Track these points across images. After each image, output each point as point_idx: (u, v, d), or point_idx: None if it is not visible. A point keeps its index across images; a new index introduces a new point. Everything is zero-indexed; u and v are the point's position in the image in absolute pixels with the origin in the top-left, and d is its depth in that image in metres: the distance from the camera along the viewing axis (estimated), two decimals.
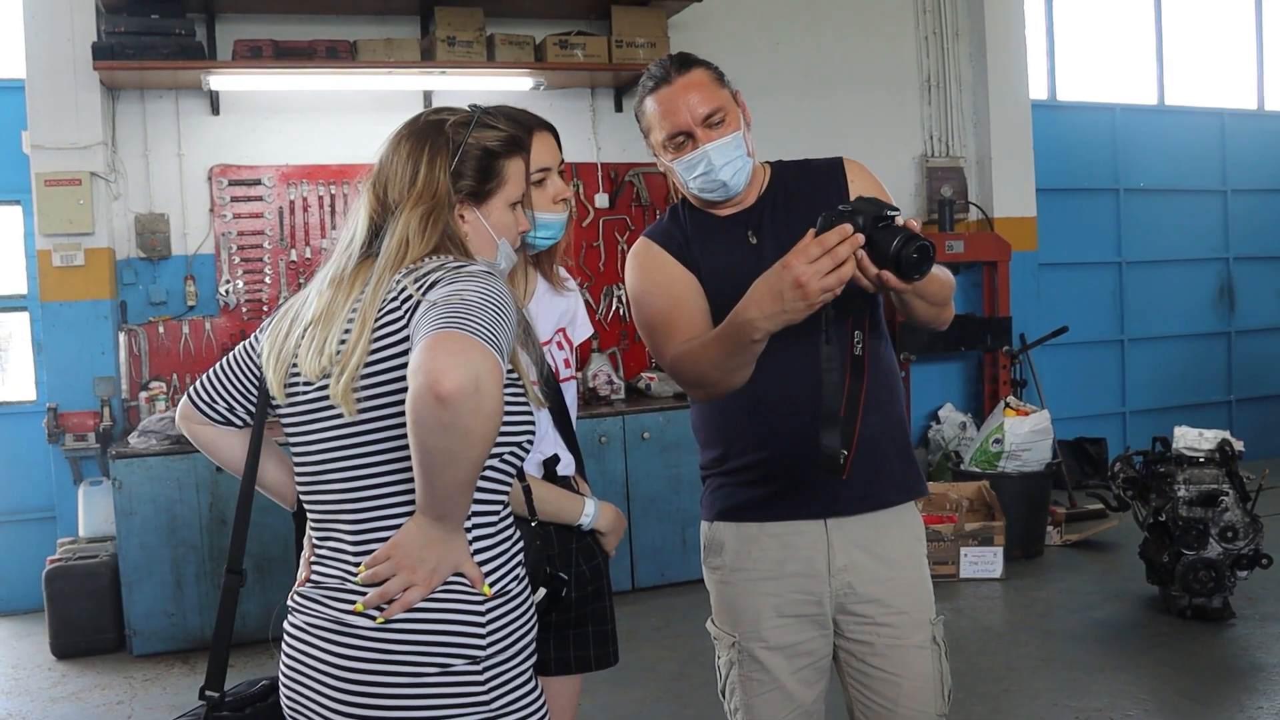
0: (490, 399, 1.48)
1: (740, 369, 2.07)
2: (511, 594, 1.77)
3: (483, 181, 1.83)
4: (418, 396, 1.47)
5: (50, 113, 5.42)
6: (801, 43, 7.00)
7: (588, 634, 2.36)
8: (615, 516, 2.38)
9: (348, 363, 1.67)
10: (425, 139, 1.81)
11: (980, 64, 7.31)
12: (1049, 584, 5.59)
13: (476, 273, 1.67)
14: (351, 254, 1.80)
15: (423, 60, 5.85)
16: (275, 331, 1.83)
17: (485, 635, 1.70)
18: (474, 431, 1.49)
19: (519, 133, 1.90)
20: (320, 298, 1.78)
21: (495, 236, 1.87)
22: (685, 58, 2.26)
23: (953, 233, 6.92)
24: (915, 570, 2.31)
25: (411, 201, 1.76)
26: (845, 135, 6.93)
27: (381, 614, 1.66)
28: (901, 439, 2.33)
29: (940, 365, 7.30)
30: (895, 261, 1.86)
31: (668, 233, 2.34)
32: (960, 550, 5.64)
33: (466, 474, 1.56)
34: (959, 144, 7.33)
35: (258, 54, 5.50)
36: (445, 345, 1.49)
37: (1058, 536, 6.30)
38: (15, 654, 5.22)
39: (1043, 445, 5.99)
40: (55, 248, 5.43)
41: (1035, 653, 4.61)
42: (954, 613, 5.15)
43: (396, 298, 1.68)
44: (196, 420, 1.95)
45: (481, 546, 1.74)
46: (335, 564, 1.74)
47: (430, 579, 1.66)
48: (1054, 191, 7.74)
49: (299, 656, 1.74)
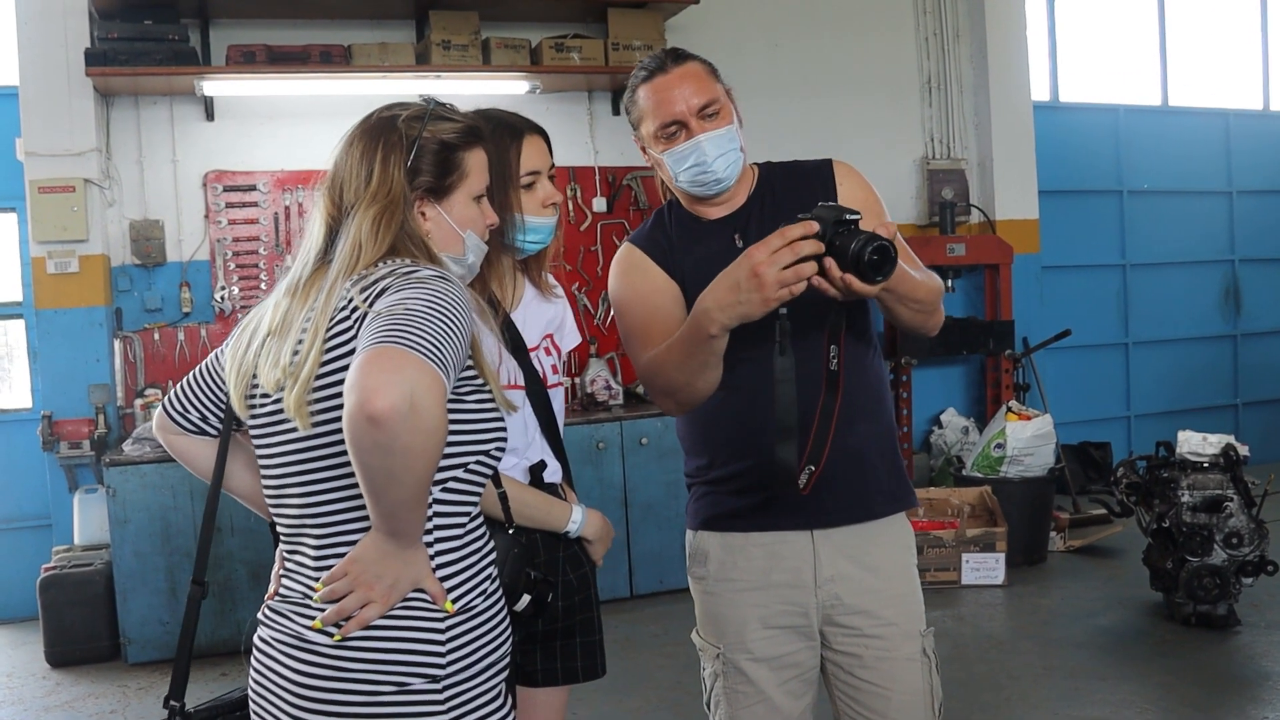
0: (428, 416, 1.44)
1: (702, 371, 2.03)
2: (476, 610, 1.72)
3: (442, 176, 1.78)
4: (350, 417, 1.43)
5: (44, 120, 5.39)
6: (800, 45, 6.95)
7: (575, 645, 2.31)
8: (602, 524, 2.33)
9: (300, 375, 1.62)
10: (378, 136, 1.75)
11: (981, 65, 7.26)
12: (1051, 590, 5.53)
13: (426, 278, 1.62)
14: (307, 261, 1.75)
15: (417, 64, 5.82)
16: (237, 343, 1.78)
17: (445, 654, 1.65)
18: (413, 451, 1.45)
19: (476, 123, 1.84)
20: (277, 308, 1.73)
21: (459, 231, 1.82)
22: (680, 51, 2.22)
23: (954, 235, 6.87)
24: (905, 581, 2.27)
25: (365, 202, 1.71)
26: (845, 138, 6.88)
27: (339, 631, 1.62)
28: (889, 449, 2.28)
29: (942, 369, 7.24)
30: (855, 264, 1.83)
31: (651, 238, 2.30)
32: (961, 556, 5.58)
33: (411, 492, 1.51)
34: (960, 146, 7.28)
35: (251, 59, 5.47)
36: (378, 362, 1.44)
37: (1061, 542, 6.24)
38: (10, 662, 5.19)
39: (1045, 450, 5.93)
40: (49, 255, 5.41)
41: (1036, 661, 4.55)
42: (955, 620, 5.10)
43: (346, 307, 1.63)
44: (171, 430, 1.92)
45: (445, 561, 1.69)
46: (299, 578, 1.71)
47: (388, 596, 1.62)
48: (1057, 194, 7.68)
49: (263, 671, 1.70)
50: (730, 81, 2.26)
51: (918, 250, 6.79)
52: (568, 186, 6.38)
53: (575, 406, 6.10)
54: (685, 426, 2.34)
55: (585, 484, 5.60)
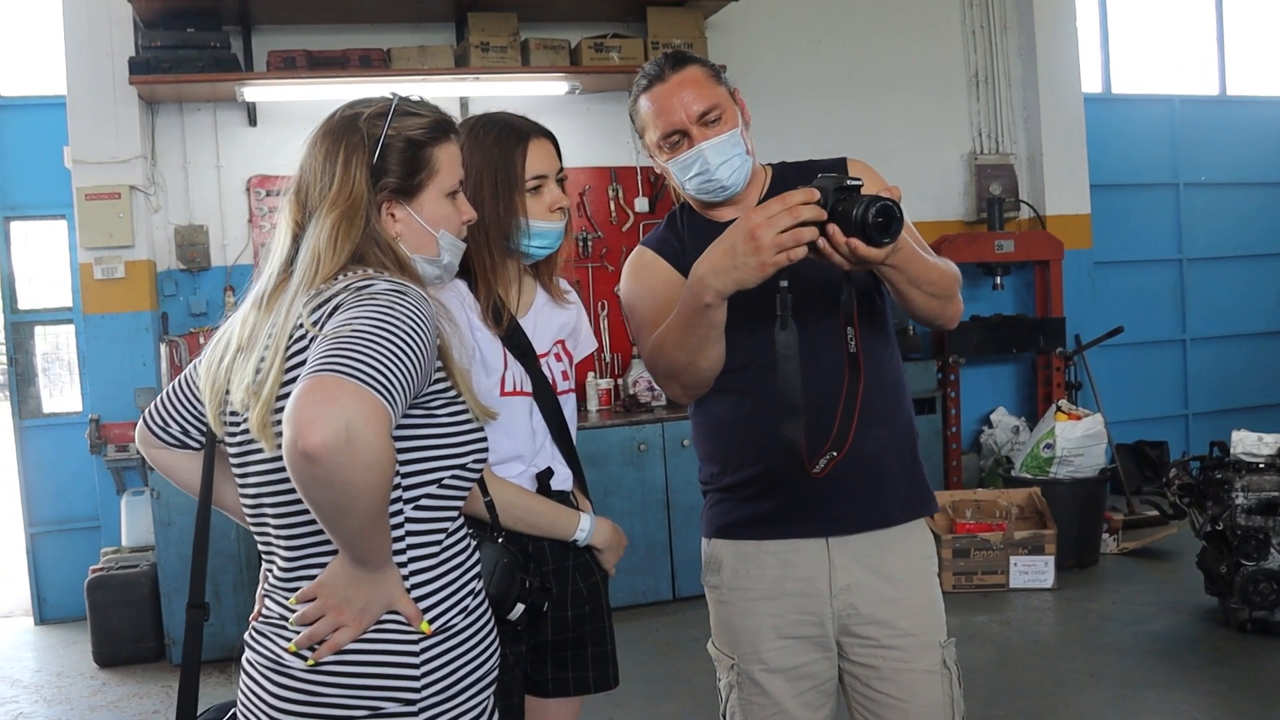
0: (368, 449, 1.38)
1: (702, 347, 1.98)
2: (456, 629, 1.67)
3: (409, 175, 1.71)
4: (286, 452, 1.38)
5: (90, 128, 5.47)
6: (843, 41, 6.85)
7: (586, 655, 2.28)
8: (613, 533, 2.29)
9: (262, 394, 1.57)
10: (340, 137, 1.69)
11: (1030, 58, 7.11)
12: (1102, 594, 5.40)
13: (380, 293, 1.55)
14: (273, 271, 1.69)
15: (456, 67, 5.82)
16: (211, 356, 1.73)
17: (420, 677, 1.61)
18: (354, 485, 1.39)
19: (445, 117, 1.78)
20: (245, 322, 1.68)
21: (431, 231, 1.76)
22: (680, 55, 2.18)
23: (1003, 232, 6.74)
24: (924, 590, 2.21)
25: (327, 208, 1.65)
26: (890, 135, 6.80)
27: (312, 655, 1.58)
28: (907, 452, 2.22)
29: (992, 368, 7.11)
30: (860, 228, 1.77)
31: (664, 240, 2.27)
32: (1010, 559, 5.47)
33: (362, 523, 1.47)
34: (1009, 141, 7.14)
35: (291, 64, 5.51)
36: (312, 394, 1.38)
37: (1114, 544, 6.10)
38: (60, 661, 5.28)
39: (1096, 450, 5.79)
40: (96, 261, 5.49)
41: (1084, 667, 4.44)
42: (1001, 625, 5.00)
43: (302, 325, 1.58)
44: (153, 444, 1.88)
45: (420, 580, 1.65)
46: (277, 597, 1.67)
47: (360, 619, 1.58)
48: (1110, 187, 7.50)
49: (245, 693, 1.67)
50: (771, 80, 2.23)
51: (965, 247, 6.74)
52: (609, 187, 6.35)
53: (618, 408, 6.08)
54: (699, 432, 2.30)
55: (627, 485, 5.58)
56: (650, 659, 4.87)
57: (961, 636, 4.76)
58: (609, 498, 5.51)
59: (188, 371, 1.85)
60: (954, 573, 5.49)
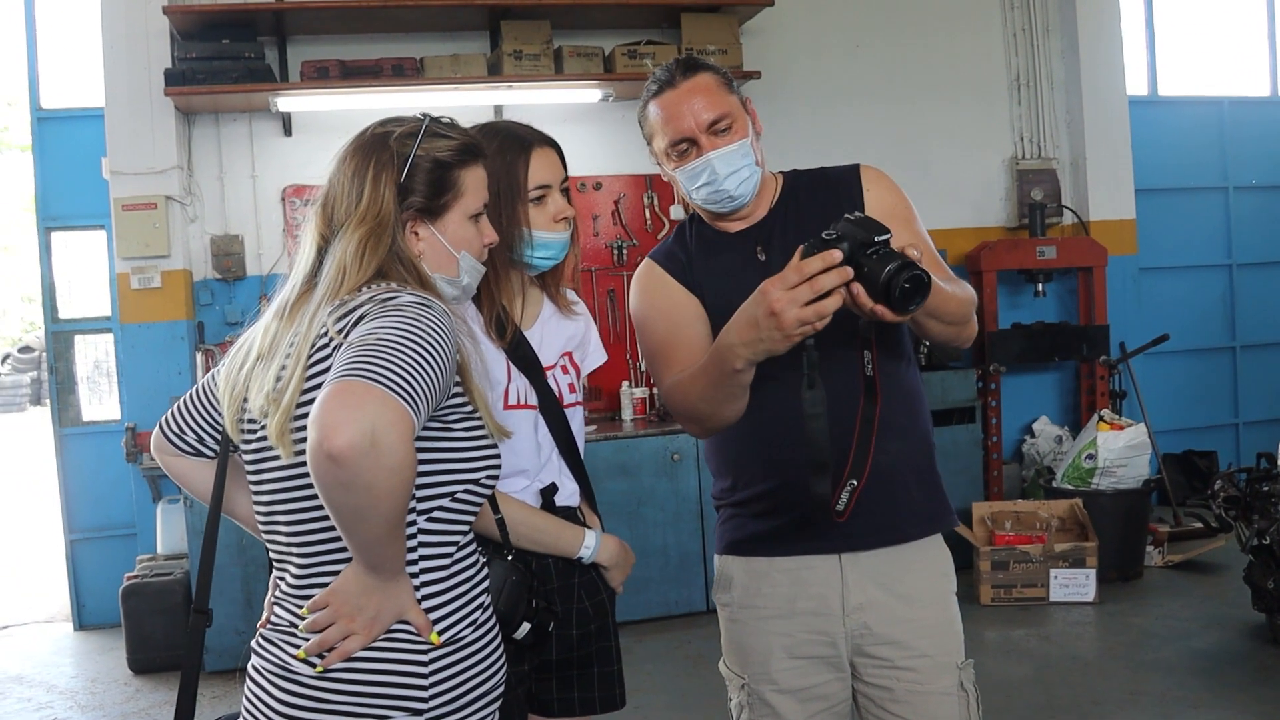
0: (392, 453, 1.40)
1: (728, 402, 1.94)
2: (464, 641, 1.67)
3: (435, 196, 1.72)
4: (310, 454, 1.40)
5: (128, 139, 5.53)
6: (882, 45, 6.76)
7: (592, 674, 2.24)
8: (619, 550, 2.24)
9: (282, 402, 1.59)
10: (370, 154, 1.70)
11: (1073, 60, 6.98)
12: (1146, 609, 5.26)
13: (405, 305, 1.57)
14: (296, 282, 1.71)
15: (489, 75, 5.82)
16: (231, 364, 1.75)
17: (428, 687, 1.61)
18: (376, 488, 1.41)
19: (474, 140, 1.78)
20: (266, 330, 1.70)
21: (453, 252, 1.76)
22: (691, 61, 2.12)
23: (1044, 238, 6.61)
24: (940, 609, 2.14)
25: (354, 223, 1.67)
26: (930, 140, 6.72)
27: (321, 662, 1.58)
28: (924, 466, 2.16)
29: (1034, 376, 6.97)
30: (886, 293, 1.69)
31: (670, 253, 2.22)
32: (1050, 572, 5.36)
33: (382, 529, 1.48)
34: (1051, 145, 7.00)
35: (325, 74, 5.54)
36: (339, 397, 1.40)
37: (1159, 557, 5.95)
38: (96, 668, 5.33)
39: (1139, 461, 5.66)
40: (133, 270, 5.54)
41: (1124, 684, 4.32)
42: (1040, 639, 4.89)
43: (326, 334, 1.59)
44: (168, 451, 1.89)
45: (431, 591, 1.65)
46: (288, 605, 1.67)
47: (370, 628, 1.58)
48: (1156, 192, 7.35)
49: (251, 699, 1.67)
50: (808, 86, 2.19)
51: (1006, 254, 6.60)
52: (645, 194, 6.32)
53: (651, 417, 6.03)
54: (711, 447, 2.26)
55: (660, 496, 5.53)
56: (681, 672, 4.82)
57: (998, 651, 4.74)
58: (642, 508, 5.48)
59: (205, 380, 1.87)
60: (992, 586, 5.38)
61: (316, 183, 5.80)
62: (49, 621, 6.37)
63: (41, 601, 6.83)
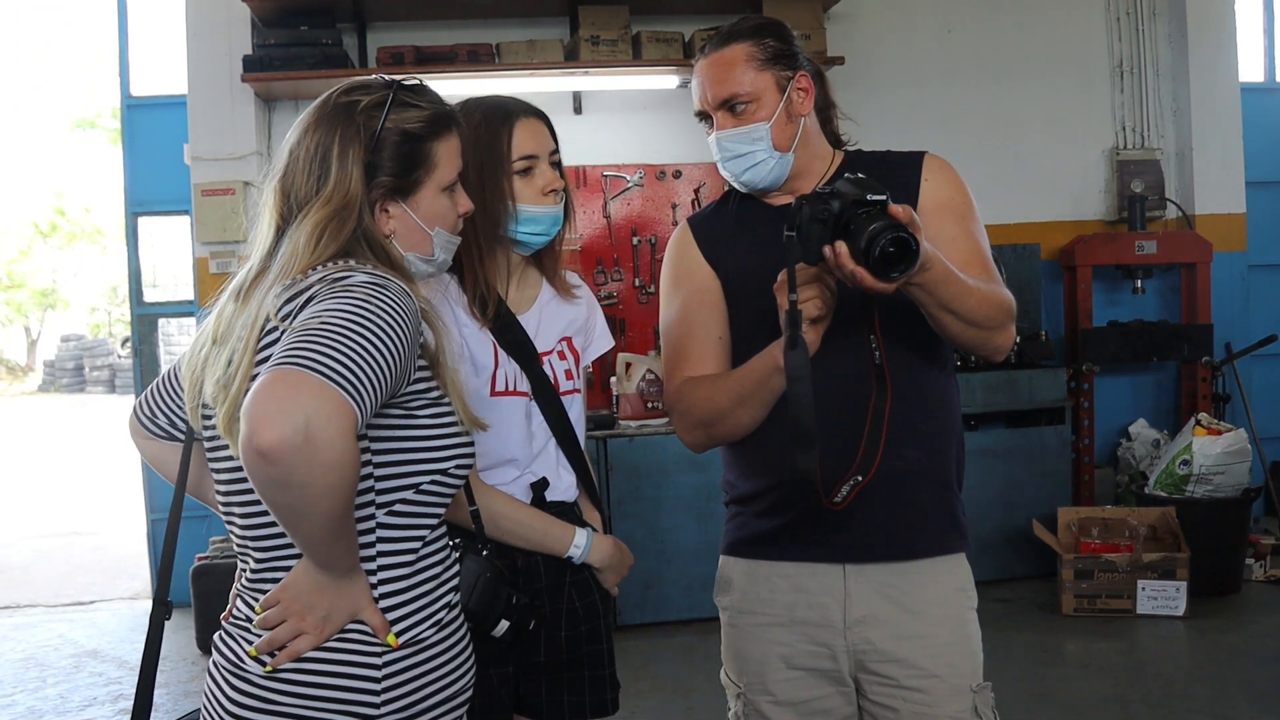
0: (328, 449, 1.30)
1: (761, 407, 1.89)
2: (426, 642, 1.58)
3: (406, 172, 1.62)
4: (242, 450, 1.32)
5: (208, 126, 5.61)
6: (977, 27, 6.49)
7: (583, 678, 2.13)
8: (613, 550, 2.13)
9: (230, 391, 1.50)
10: (335, 128, 1.60)
11: (1181, 46, 6.60)
12: (1240, 626, 4.95)
13: (356, 285, 1.46)
14: (253, 263, 1.62)
15: (566, 61, 5.74)
16: (194, 347, 1.66)
17: (380, 692, 1.52)
18: (312, 486, 1.31)
19: (445, 109, 1.67)
20: (221, 314, 1.61)
21: (427, 229, 1.66)
22: (734, 30, 2.00)
23: (1145, 232, 6.28)
24: (954, 627, 1.97)
25: (318, 205, 1.56)
26: (1026, 128, 6.45)
27: (271, 661, 1.51)
28: (943, 480, 1.99)
29: (1131, 377, 6.64)
30: (866, 255, 1.59)
31: (707, 221, 2.12)
32: (1137, 583, 5.08)
33: (323, 527, 1.38)
34: (1155, 135, 6.64)
35: (399, 60, 5.53)
36: (271, 388, 1.30)
37: (1260, 571, 5.61)
38: (168, 645, 5.33)
39: (1238, 469, 5.33)
40: (211, 255, 5.62)
41: (1207, 706, 4.05)
42: (1121, 654, 4.63)
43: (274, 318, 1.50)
44: (141, 435, 1.83)
45: (391, 590, 1.56)
46: (246, 599, 1.60)
47: (322, 627, 1.50)
48: (1270, 184, 6.92)
49: (207, 694, 1.61)
50: (898, 69, 2.09)
51: (1102, 248, 6.29)
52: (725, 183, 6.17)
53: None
54: None
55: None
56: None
57: (1076, 666, 4.50)
58: (711, 503, 5.35)
59: (176, 362, 1.79)
60: (1075, 595, 5.14)
61: None
62: (133, 599, 6.53)
63: (127, 579, 7.01)
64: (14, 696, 4.80)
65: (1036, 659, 4.64)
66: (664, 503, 5.36)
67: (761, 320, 1.87)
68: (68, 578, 7.25)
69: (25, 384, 27.28)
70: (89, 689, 4.85)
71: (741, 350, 1.98)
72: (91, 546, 8.27)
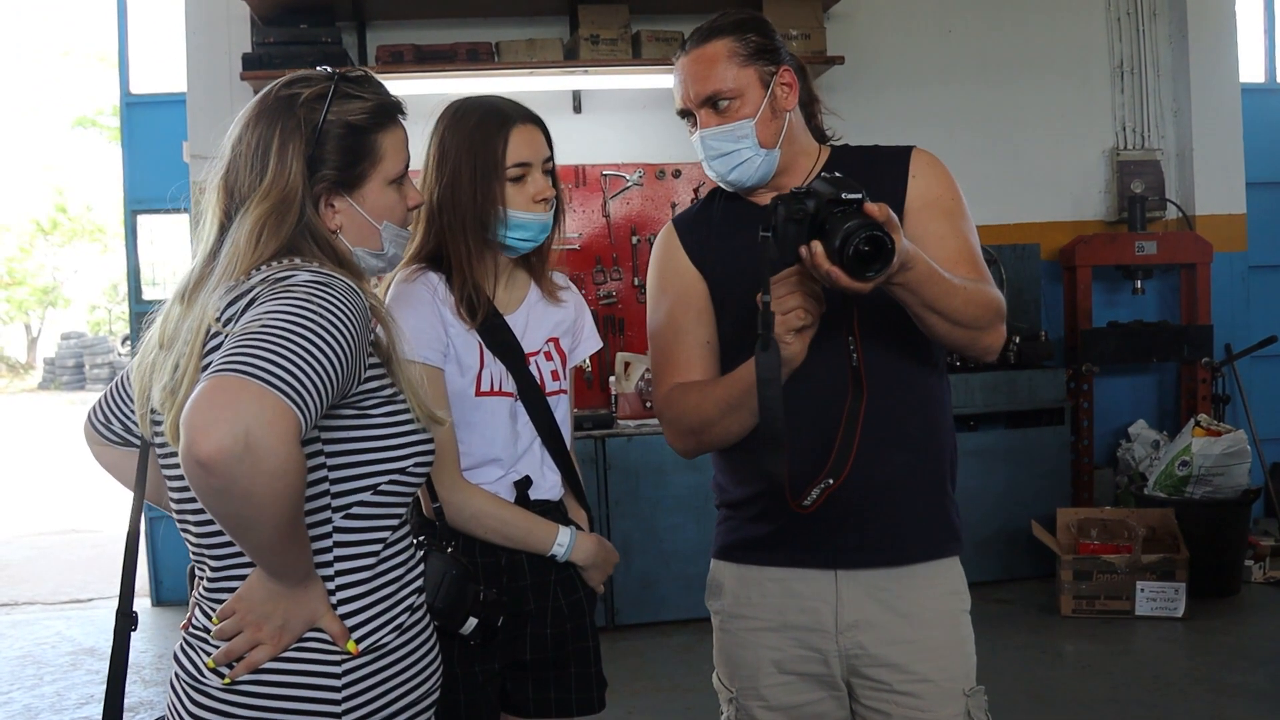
0: (270, 457, 1.26)
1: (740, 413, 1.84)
2: (388, 647, 1.55)
3: (350, 165, 1.59)
4: (182, 460, 1.27)
5: (207, 124, 5.58)
6: (976, 27, 6.47)
7: (569, 676, 2.14)
8: (598, 549, 2.13)
9: (176, 397, 1.46)
10: (275, 121, 1.57)
11: (1181, 46, 6.59)
12: (1238, 627, 4.95)
13: (297, 285, 1.43)
14: (197, 264, 1.58)
15: (566, 60, 5.74)
16: (142, 352, 1.61)
17: (341, 700, 1.49)
18: (256, 496, 1.27)
19: (389, 99, 1.64)
20: (168, 317, 1.56)
21: (375, 223, 1.63)
22: (715, 26, 1.97)
23: (1145, 233, 6.27)
24: (947, 631, 1.96)
25: (256, 200, 1.53)
26: (1025, 128, 6.44)
27: (229, 673, 1.48)
28: (934, 484, 1.98)
29: (1131, 378, 6.63)
30: (840, 255, 1.58)
31: (692, 222, 2.09)
32: (1136, 584, 5.08)
33: (270, 536, 1.35)
34: (1156, 135, 6.64)
35: (399, 59, 5.52)
36: (209, 397, 1.27)
37: (1260, 572, 5.61)
38: (165, 644, 5.40)
39: (1238, 470, 5.32)
40: None
41: (1203, 709, 4.05)
42: (1119, 655, 4.63)
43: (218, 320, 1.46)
44: (96, 441, 1.80)
45: (349, 595, 1.53)
46: (204, 609, 1.56)
47: (279, 637, 1.47)
48: (1270, 185, 6.91)
49: (170, 705, 1.57)
50: (897, 69, 2.06)
51: (1102, 249, 6.29)
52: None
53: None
54: None
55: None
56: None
57: (1074, 667, 4.50)
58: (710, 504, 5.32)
59: (128, 367, 1.75)
60: (1074, 596, 5.13)
61: None
62: None
63: None
64: (11, 694, 4.80)
65: (1035, 660, 4.63)
66: (662, 502, 5.36)
67: (750, 322, 1.86)
68: (66, 575, 7.26)
69: (26, 381, 27.32)
70: (86, 686, 4.85)
71: (730, 353, 1.97)
72: (90, 544, 8.28)
